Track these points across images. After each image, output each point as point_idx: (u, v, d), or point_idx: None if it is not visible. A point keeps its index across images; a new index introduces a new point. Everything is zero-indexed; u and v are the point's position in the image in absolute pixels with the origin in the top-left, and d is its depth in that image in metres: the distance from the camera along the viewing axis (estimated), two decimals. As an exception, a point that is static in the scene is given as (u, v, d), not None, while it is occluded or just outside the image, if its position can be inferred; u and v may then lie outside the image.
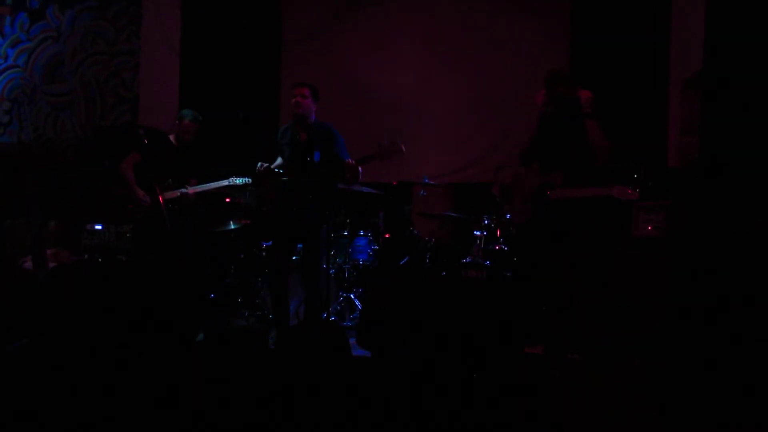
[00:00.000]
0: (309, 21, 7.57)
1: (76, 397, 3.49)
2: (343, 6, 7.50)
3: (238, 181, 5.62)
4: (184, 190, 5.51)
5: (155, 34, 7.58)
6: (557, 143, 4.54)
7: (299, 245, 5.47)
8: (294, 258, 5.52)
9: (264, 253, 6.16)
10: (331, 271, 5.98)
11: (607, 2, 6.60)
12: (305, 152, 5.02)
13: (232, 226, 6.31)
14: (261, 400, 3.50)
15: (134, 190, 5.43)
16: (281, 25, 7.64)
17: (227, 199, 6.56)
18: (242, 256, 6.43)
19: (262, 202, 5.19)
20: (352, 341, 4.67)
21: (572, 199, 4.40)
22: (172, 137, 5.61)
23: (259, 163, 5.06)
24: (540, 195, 4.54)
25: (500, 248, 5.90)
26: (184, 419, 3.44)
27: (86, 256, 6.12)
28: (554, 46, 6.84)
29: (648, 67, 6.30)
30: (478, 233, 5.98)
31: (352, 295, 6.07)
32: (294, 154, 5.06)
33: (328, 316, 5.68)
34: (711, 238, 4.31)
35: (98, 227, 6.23)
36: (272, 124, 7.26)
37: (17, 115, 7.90)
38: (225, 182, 5.61)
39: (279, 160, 5.21)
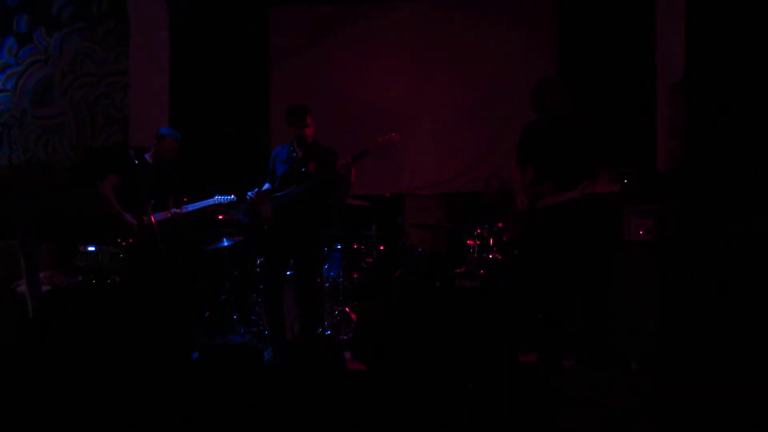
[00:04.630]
0: (297, 35, 7.61)
1: (73, 418, 3.48)
2: (331, 20, 7.54)
3: (222, 199, 5.58)
4: (176, 210, 5.49)
5: (143, 53, 7.59)
6: (548, 153, 4.54)
7: (292, 260, 5.46)
8: (288, 273, 5.52)
9: (258, 270, 6.15)
10: (325, 285, 5.97)
11: (593, 10, 6.66)
12: (300, 165, 5.03)
13: (226, 243, 6.31)
14: (257, 416, 3.49)
15: (120, 213, 5.37)
16: (269, 40, 7.67)
17: (220, 216, 6.56)
18: (236, 272, 6.42)
19: (256, 221, 5.17)
20: (347, 355, 4.67)
21: (560, 204, 4.40)
22: (148, 156, 5.54)
23: (249, 193, 5.06)
24: (532, 207, 4.55)
25: (494, 257, 5.91)
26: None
27: (80, 277, 6.10)
28: (541, 53, 6.89)
29: (635, 73, 6.34)
30: (472, 242, 5.99)
31: (347, 309, 6.06)
32: (289, 169, 5.07)
33: (323, 331, 5.67)
34: (701, 241, 4.33)
35: (91, 248, 6.21)
36: (262, 140, 7.27)
37: (7, 139, 7.89)
38: (211, 201, 5.58)
39: (267, 186, 5.19)
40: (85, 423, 3.46)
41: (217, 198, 5.55)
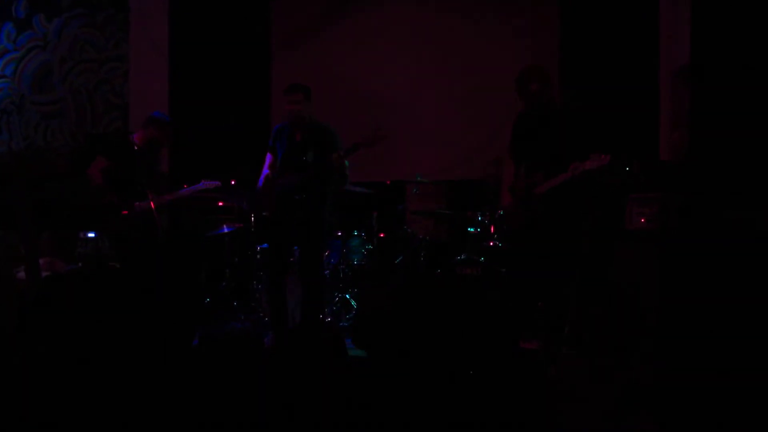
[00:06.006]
0: (298, 23, 7.57)
1: (73, 404, 3.48)
2: (333, 7, 7.50)
3: (209, 184, 5.52)
4: (169, 196, 5.46)
5: (143, 40, 7.55)
6: (536, 143, 4.52)
7: (295, 247, 5.46)
8: (290, 260, 5.52)
9: (259, 257, 6.15)
10: (325, 272, 5.97)
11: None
12: (300, 152, 5.01)
13: (226, 230, 6.30)
14: (258, 402, 3.50)
15: (111, 196, 5.27)
16: (270, 28, 7.63)
17: (220, 203, 6.55)
18: (237, 260, 6.42)
19: (261, 207, 5.17)
20: (348, 341, 4.68)
21: (556, 188, 4.38)
22: (136, 138, 5.31)
23: (261, 177, 5.05)
24: (527, 197, 4.54)
25: (494, 245, 5.90)
26: (181, 421, 3.43)
27: (80, 264, 6.10)
28: (543, 41, 6.85)
29: (638, 61, 6.30)
30: (472, 230, 5.98)
31: (347, 296, 6.07)
32: (288, 154, 5.05)
33: (324, 318, 5.67)
34: (703, 231, 4.31)
35: (91, 235, 6.21)
36: (263, 127, 7.25)
37: (6, 125, 7.86)
38: (196, 187, 5.51)
39: (268, 160, 5.18)
40: (83, 409, 3.47)
41: (203, 183, 5.49)
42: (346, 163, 4.88)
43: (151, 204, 5.12)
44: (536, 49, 6.78)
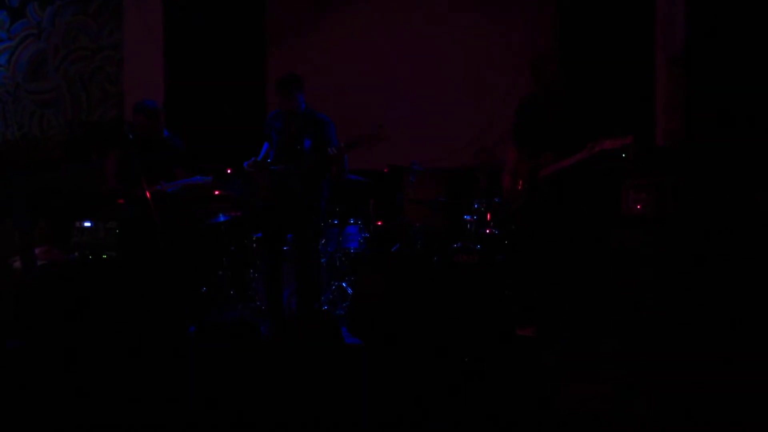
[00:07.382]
0: (293, 11, 7.53)
1: (70, 393, 3.49)
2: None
3: (200, 180, 5.51)
4: (159, 187, 5.45)
5: (137, 28, 7.51)
6: (547, 127, 4.53)
7: (290, 235, 5.46)
8: (285, 248, 5.51)
9: (255, 245, 6.14)
10: (322, 260, 5.97)
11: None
12: (295, 141, 5.00)
13: (223, 219, 6.29)
14: (255, 391, 3.50)
15: (115, 190, 5.31)
16: (265, 15, 7.59)
17: (216, 192, 6.53)
18: (233, 248, 6.41)
19: (254, 195, 5.16)
20: (344, 330, 4.68)
21: (566, 170, 4.38)
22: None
23: (245, 163, 5.03)
24: (532, 179, 4.54)
25: (491, 232, 5.90)
26: (178, 411, 3.44)
27: (76, 253, 6.08)
28: (540, 27, 6.83)
29: (634, 46, 6.29)
30: (469, 218, 5.98)
31: (344, 284, 6.06)
32: (283, 143, 5.04)
33: (321, 306, 5.67)
34: (700, 216, 4.32)
35: (88, 224, 6.19)
36: (259, 114, 7.23)
37: (1, 114, 7.83)
38: (188, 181, 5.50)
39: (265, 147, 5.18)
40: (79, 397, 3.47)
41: (196, 179, 5.48)
42: (345, 156, 4.88)
43: (147, 193, 5.11)
44: (532, 37, 6.75)
